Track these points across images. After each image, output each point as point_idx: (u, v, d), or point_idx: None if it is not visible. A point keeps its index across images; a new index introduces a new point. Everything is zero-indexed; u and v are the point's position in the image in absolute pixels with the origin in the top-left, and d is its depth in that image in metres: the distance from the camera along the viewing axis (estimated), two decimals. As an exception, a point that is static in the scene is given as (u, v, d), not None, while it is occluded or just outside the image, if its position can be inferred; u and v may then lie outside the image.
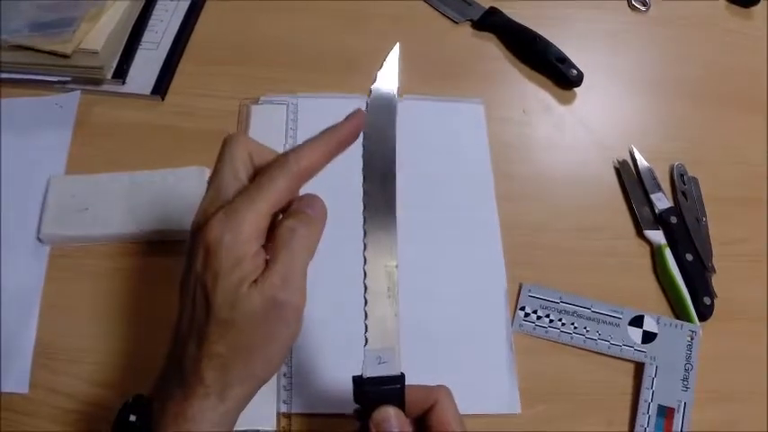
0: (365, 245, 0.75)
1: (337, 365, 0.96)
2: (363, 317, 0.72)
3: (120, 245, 1.04)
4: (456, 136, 1.18)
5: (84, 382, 0.93)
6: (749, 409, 1.01)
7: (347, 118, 0.79)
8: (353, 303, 0.72)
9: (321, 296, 0.94)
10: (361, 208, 0.77)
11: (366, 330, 0.72)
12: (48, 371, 0.94)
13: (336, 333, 0.99)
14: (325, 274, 0.94)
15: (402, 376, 0.71)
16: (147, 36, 1.26)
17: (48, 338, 0.96)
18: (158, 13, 1.29)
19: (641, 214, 1.14)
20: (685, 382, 0.99)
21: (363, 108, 0.81)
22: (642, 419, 0.97)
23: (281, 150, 1.05)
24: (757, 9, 1.47)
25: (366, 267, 0.73)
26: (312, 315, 0.95)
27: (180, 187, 1.06)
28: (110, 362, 0.95)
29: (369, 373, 0.71)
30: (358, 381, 0.71)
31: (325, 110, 1.11)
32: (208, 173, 1.08)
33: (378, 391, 0.71)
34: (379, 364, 0.71)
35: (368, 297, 0.72)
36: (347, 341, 0.82)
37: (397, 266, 0.73)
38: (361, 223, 0.76)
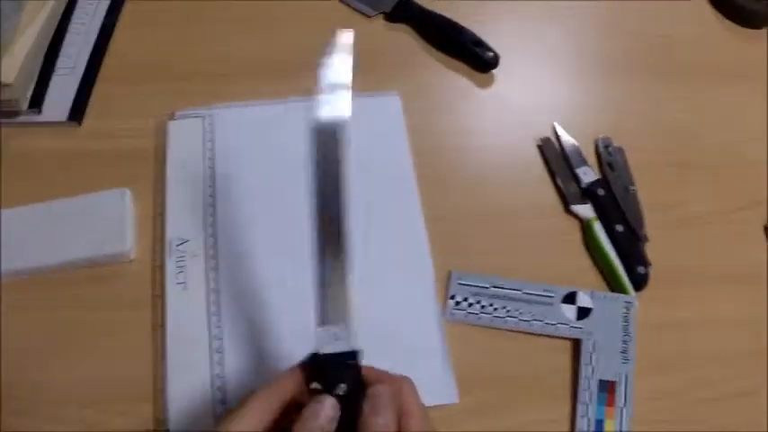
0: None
1: (279, 354, 0.97)
2: (316, 297, 0.74)
3: (47, 276, 1.03)
4: (373, 130, 1.17)
5: (20, 416, 0.93)
6: (691, 376, 1.01)
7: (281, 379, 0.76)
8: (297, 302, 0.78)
9: (254, 290, 0.99)
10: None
11: (320, 309, 0.73)
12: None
13: (280, 323, 0.99)
14: (267, 276, 1.00)
15: (357, 352, 0.73)
16: (61, 62, 1.24)
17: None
18: (71, 36, 1.28)
19: (568, 190, 1.14)
20: (625, 355, 0.99)
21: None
22: (583, 396, 0.96)
23: (199, 164, 1.07)
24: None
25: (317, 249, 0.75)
26: (246, 310, 0.98)
27: (101, 212, 1.06)
28: (46, 393, 0.94)
29: (325, 350, 0.72)
30: (313, 358, 0.73)
31: (241, 118, 1.13)
32: (129, 194, 1.07)
33: (334, 368, 0.72)
34: (335, 340, 0.73)
35: (319, 277, 0.74)
36: (288, 329, 0.84)
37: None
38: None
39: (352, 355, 0.73)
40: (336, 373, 0.72)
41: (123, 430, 0.92)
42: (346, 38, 0.83)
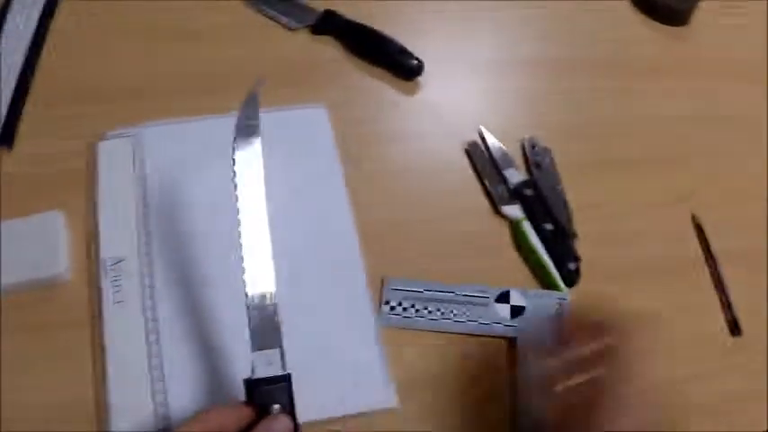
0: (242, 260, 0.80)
1: (219, 370, 0.98)
2: (248, 322, 0.78)
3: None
4: (301, 143, 1.18)
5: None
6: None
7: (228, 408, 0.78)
8: (234, 314, 0.80)
9: (191, 305, 1.00)
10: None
11: (251, 334, 0.77)
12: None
13: (218, 339, 1.00)
14: (204, 291, 1.02)
15: (289, 376, 0.77)
16: (-11, 86, 1.23)
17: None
18: (-2, 61, 1.27)
19: (497, 192, 1.16)
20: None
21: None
22: (522, 393, 0.98)
23: (130, 183, 1.07)
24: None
25: (245, 278, 0.79)
26: (183, 325, 0.99)
27: (34, 234, 1.05)
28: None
29: (258, 375, 0.76)
30: (248, 382, 0.77)
31: (170, 135, 1.13)
32: (61, 216, 1.07)
33: (268, 391, 0.76)
34: (267, 365, 0.77)
35: (250, 304, 0.78)
36: (227, 345, 0.85)
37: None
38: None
39: (285, 378, 0.77)
40: (270, 395, 0.76)
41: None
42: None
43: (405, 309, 1.04)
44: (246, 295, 0.78)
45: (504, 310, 1.04)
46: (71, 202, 1.10)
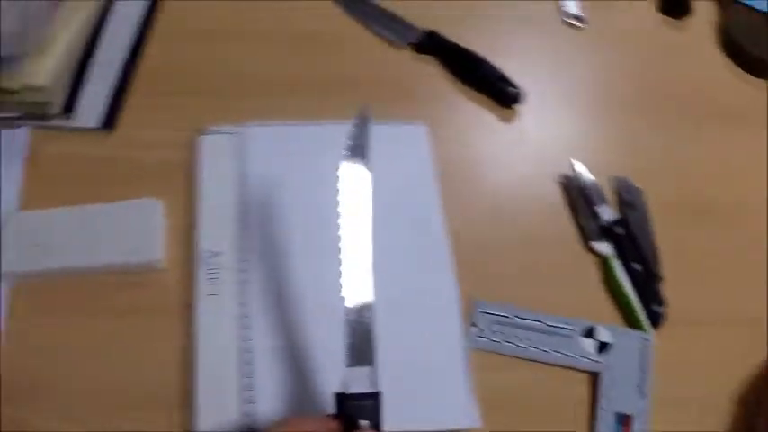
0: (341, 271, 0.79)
1: (308, 378, 0.98)
2: (345, 337, 0.77)
3: (77, 279, 1.03)
4: (400, 159, 1.18)
5: (52, 419, 0.93)
6: (704, 414, 1.03)
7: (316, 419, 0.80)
8: (327, 323, 0.80)
9: (285, 307, 1.01)
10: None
11: (347, 349, 0.77)
12: (12, 408, 0.93)
13: (308, 342, 1.00)
14: (298, 293, 1.02)
15: (379, 393, 0.76)
16: (96, 69, 1.25)
17: (10, 376, 0.95)
18: (106, 45, 1.28)
19: (587, 227, 1.16)
20: (641, 389, 1.01)
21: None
22: (600, 427, 0.98)
23: (231, 179, 1.07)
24: (692, 20, 1.51)
25: (344, 292, 0.79)
26: (277, 326, 1.00)
27: (133, 220, 1.07)
28: (75, 397, 0.95)
29: (349, 390, 0.76)
30: (339, 396, 0.76)
31: (272, 138, 1.14)
32: (160, 204, 1.09)
33: (357, 406, 0.76)
34: (359, 381, 0.77)
35: (347, 319, 0.78)
36: (315, 351, 0.86)
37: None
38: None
39: (375, 396, 0.77)
40: (360, 410, 0.76)
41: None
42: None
43: (493, 332, 1.04)
44: (345, 310, 0.78)
45: (589, 344, 1.04)
46: (167, 191, 1.11)
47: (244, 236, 1.08)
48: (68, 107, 1.19)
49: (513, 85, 1.29)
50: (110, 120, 1.19)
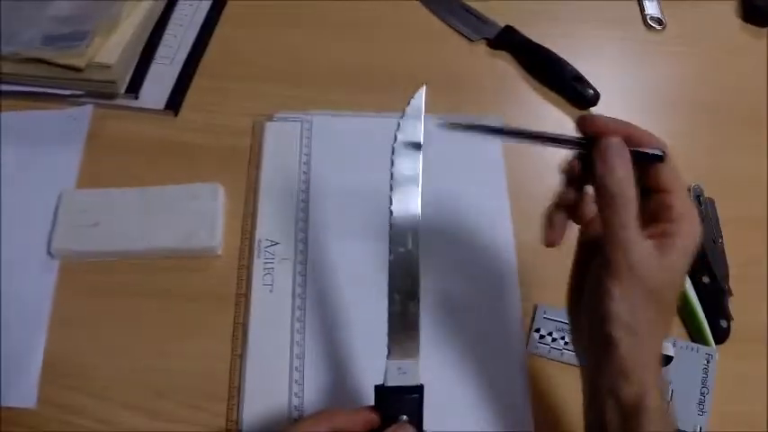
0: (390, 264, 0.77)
1: (354, 370, 0.97)
2: (387, 329, 0.75)
3: (130, 261, 1.03)
4: (472, 154, 1.16)
5: (94, 399, 0.93)
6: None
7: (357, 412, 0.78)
8: (379, 319, 0.76)
9: (339, 302, 1.00)
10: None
11: (389, 341, 0.75)
12: (56, 386, 0.93)
13: (359, 339, 0.99)
14: (352, 290, 1.01)
15: (421, 387, 0.76)
16: (162, 50, 1.25)
17: (56, 353, 0.96)
18: (173, 27, 1.29)
19: (657, 236, 1.12)
20: (701, 406, 0.98)
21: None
22: (658, 444, 0.95)
23: (295, 168, 1.06)
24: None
25: (390, 284, 0.76)
26: (338, 326, 0.99)
27: (192, 204, 1.06)
28: (120, 378, 0.95)
29: (390, 383, 0.75)
30: (379, 389, 0.76)
31: (339, 127, 1.12)
32: (221, 190, 1.08)
33: (398, 400, 0.75)
34: (400, 374, 0.75)
35: (391, 311, 0.75)
36: (366, 348, 0.84)
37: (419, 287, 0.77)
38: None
39: (416, 390, 0.75)
40: (399, 405, 0.75)
41: (196, 425, 0.93)
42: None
43: (554, 339, 1.01)
44: (390, 301, 0.76)
45: (651, 357, 1.01)
46: (228, 177, 1.11)
47: (302, 227, 1.07)
48: (133, 87, 1.19)
49: (590, 86, 1.27)
50: (174, 102, 1.19)
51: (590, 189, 0.79)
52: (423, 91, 0.80)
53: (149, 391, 0.94)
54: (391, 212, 0.77)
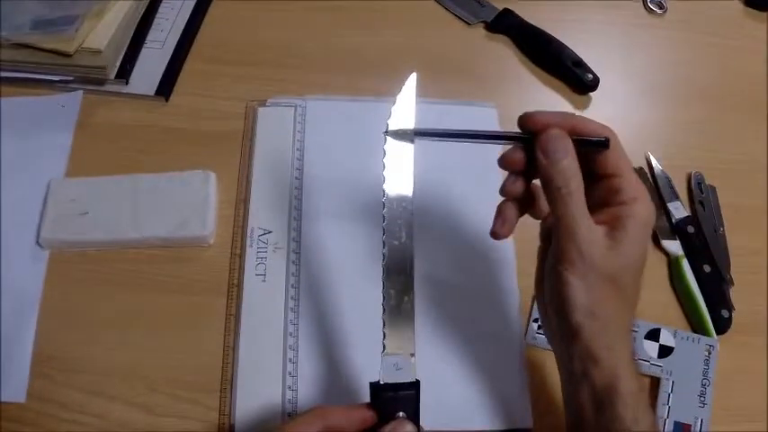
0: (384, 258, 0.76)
1: (350, 361, 0.96)
2: (382, 324, 0.74)
3: (121, 250, 1.02)
4: (468, 143, 1.13)
5: (84, 393, 0.92)
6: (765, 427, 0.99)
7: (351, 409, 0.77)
8: (373, 310, 0.75)
9: (334, 292, 0.99)
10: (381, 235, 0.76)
11: (384, 337, 0.74)
12: (46, 380, 0.92)
13: (354, 330, 0.98)
14: (346, 280, 0.99)
15: (417, 383, 0.74)
16: (152, 35, 1.24)
17: (46, 346, 0.94)
18: (163, 11, 1.27)
19: (658, 224, 1.11)
20: (702, 398, 0.97)
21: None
22: (658, 436, 0.94)
23: (288, 154, 1.04)
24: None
25: (384, 278, 0.75)
26: (332, 316, 0.98)
27: (184, 192, 1.04)
28: (111, 371, 0.93)
29: (385, 380, 0.74)
30: (375, 386, 0.75)
31: (333, 112, 1.11)
32: (213, 177, 1.06)
33: (394, 396, 0.74)
34: (396, 370, 0.74)
35: (386, 306, 0.74)
36: (362, 338, 0.82)
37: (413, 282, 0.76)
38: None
39: (412, 386, 0.74)
40: (395, 401, 0.74)
41: (188, 418, 0.92)
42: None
43: (552, 330, 1.00)
44: (384, 297, 0.75)
45: (652, 347, 1.00)
46: (221, 164, 1.10)
47: (296, 215, 1.05)
48: (124, 73, 1.18)
49: (589, 71, 1.25)
50: (165, 87, 1.18)
51: (538, 182, 0.79)
52: (414, 78, 0.80)
53: (140, 385, 0.93)
54: (384, 205, 0.76)
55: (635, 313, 0.81)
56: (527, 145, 0.78)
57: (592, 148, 0.76)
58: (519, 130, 0.79)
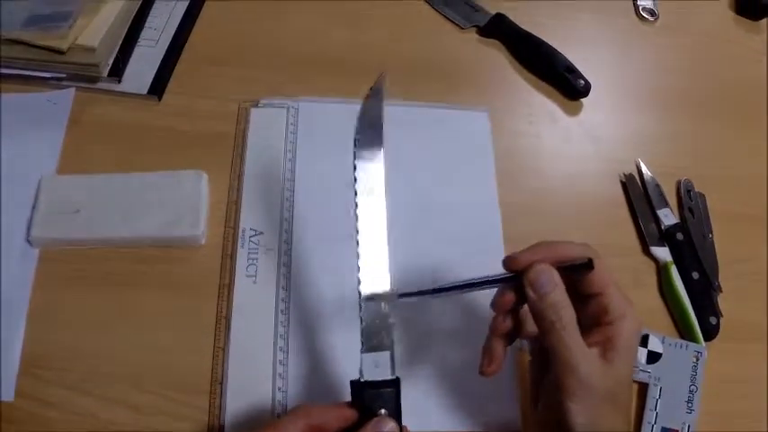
0: (358, 256, 0.78)
1: (340, 362, 0.96)
2: (360, 323, 0.75)
3: (112, 249, 1.01)
4: (460, 145, 1.15)
5: (74, 392, 0.91)
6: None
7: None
8: (351, 305, 0.76)
9: (323, 294, 0.99)
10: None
11: (362, 335, 0.75)
12: (35, 379, 0.91)
13: (344, 332, 0.97)
14: (337, 281, 0.99)
15: (397, 380, 0.75)
16: (146, 33, 1.23)
17: (36, 345, 0.94)
18: (157, 10, 1.27)
19: (647, 230, 1.13)
20: (690, 405, 0.97)
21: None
22: (646, 441, 0.95)
23: (280, 155, 1.04)
24: (766, 22, 1.46)
25: (360, 275, 0.77)
26: (313, 313, 0.98)
27: (176, 191, 1.04)
28: (100, 371, 0.93)
29: (366, 377, 0.74)
30: (355, 384, 0.75)
31: (325, 114, 1.11)
32: (205, 177, 1.06)
33: (374, 394, 0.74)
34: (376, 368, 0.74)
35: (363, 303, 0.76)
36: (352, 340, 0.82)
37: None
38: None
39: (392, 384, 0.75)
40: (376, 399, 0.74)
41: (177, 418, 0.91)
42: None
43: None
44: (359, 295, 0.76)
45: (640, 353, 1.00)
46: (213, 164, 1.09)
47: (287, 216, 1.05)
48: (116, 71, 1.17)
49: (582, 78, 1.26)
50: (158, 86, 1.17)
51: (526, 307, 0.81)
52: (383, 79, 0.86)
53: (130, 384, 0.92)
54: (356, 217, 0.79)
55: (630, 419, 0.86)
56: (515, 284, 0.80)
57: (577, 271, 0.79)
58: (505, 272, 0.82)
